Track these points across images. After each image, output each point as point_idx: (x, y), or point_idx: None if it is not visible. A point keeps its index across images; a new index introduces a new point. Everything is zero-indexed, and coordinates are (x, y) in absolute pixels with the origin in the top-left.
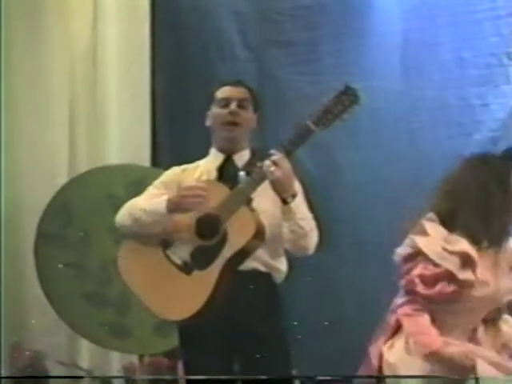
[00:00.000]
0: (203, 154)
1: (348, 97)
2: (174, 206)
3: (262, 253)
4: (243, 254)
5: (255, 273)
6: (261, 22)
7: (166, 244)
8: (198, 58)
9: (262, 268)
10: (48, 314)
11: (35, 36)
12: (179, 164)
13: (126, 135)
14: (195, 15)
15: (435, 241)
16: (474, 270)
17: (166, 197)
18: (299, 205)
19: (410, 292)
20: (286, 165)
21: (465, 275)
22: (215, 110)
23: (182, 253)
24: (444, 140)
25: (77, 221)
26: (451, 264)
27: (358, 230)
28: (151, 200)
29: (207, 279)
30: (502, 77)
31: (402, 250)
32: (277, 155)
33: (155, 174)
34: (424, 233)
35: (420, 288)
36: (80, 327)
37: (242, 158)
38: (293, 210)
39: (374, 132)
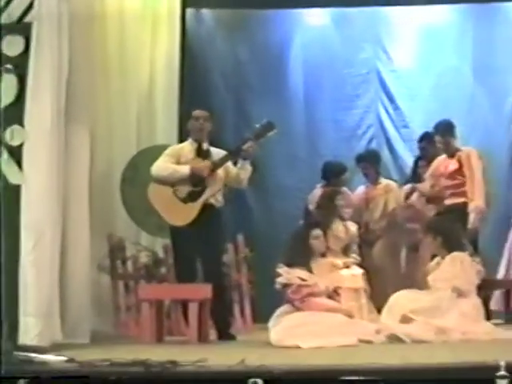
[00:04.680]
0: None
1: (268, 126)
2: (194, 173)
3: (218, 194)
4: (213, 196)
5: (211, 205)
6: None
7: (174, 186)
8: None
9: (216, 203)
10: (124, 218)
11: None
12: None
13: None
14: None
15: None
16: None
17: (188, 166)
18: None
19: None
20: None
21: None
22: (193, 122)
23: (183, 192)
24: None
25: (140, 173)
26: None
27: None
28: (175, 165)
29: (195, 207)
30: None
31: None
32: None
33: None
34: None
35: None
36: (138, 222)
37: (205, 145)
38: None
39: (288, 157)
